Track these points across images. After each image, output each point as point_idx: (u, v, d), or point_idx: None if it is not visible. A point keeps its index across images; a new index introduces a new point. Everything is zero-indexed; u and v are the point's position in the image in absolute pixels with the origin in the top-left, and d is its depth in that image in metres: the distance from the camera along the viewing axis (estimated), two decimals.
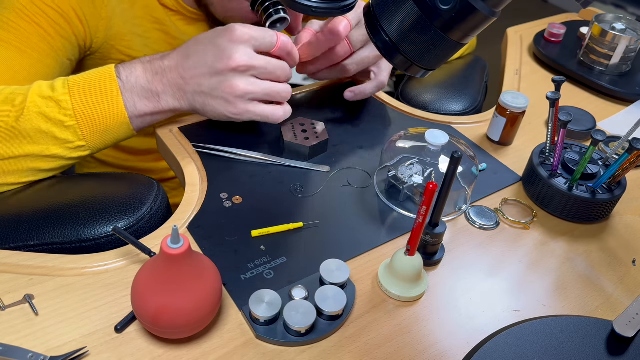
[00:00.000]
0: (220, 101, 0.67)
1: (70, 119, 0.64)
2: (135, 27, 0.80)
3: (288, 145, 0.75)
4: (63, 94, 0.64)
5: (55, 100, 0.64)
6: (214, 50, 0.66)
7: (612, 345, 0.53)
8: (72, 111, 0.64)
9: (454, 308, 0.58)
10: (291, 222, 0.64)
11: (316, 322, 0.54)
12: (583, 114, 0.90)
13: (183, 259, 0.47)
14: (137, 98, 0.67)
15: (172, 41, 0.83)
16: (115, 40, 0.79)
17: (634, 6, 0.42)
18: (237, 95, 0.67)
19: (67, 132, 0.65)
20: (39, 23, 0.70)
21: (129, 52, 0.81)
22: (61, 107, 0.64)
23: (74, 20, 0.73)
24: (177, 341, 0.52)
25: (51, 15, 0.71)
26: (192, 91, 0.68)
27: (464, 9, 0.43)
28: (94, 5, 0.75)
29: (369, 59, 0.78)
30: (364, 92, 0.81)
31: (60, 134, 0.64)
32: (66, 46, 0.74)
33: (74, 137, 0.65)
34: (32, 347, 0.49)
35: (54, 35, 0.72)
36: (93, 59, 0.82)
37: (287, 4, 0.62)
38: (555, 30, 1.10)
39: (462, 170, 0.68)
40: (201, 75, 0.66)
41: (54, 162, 0.67)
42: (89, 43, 0.78)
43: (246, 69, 0.66)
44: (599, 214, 0.70)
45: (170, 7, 0.80)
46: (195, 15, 0.82)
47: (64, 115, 0.64)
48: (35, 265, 0.57)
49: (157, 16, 0.80)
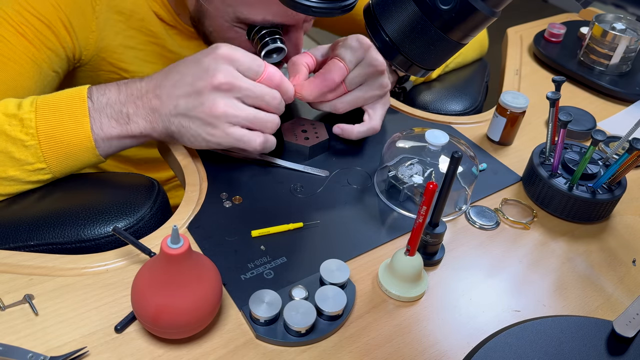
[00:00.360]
0: (198, 122, 0.62)
1: (31, 138, 0.61)
2: (128, 40, 0.77)
3: (288, 145, 0.75)
4: (28, 112, 0.61)
5: (19, 119, 0.61)
6: (196, 68, 0.62)
7: (612, 345, 0.53)
8: (35, 130, 0.60)
9: (454, 308, 0.58)
10: (291, 222, 0.64)
11: (316, 322, 0.54)
12: (583, 114, 0.90)
13: (183, 259, 0.47)
14: (105, 119, 0.63)
15: (169, 55, 0.81)
16: (106, 52, 0.77)
17: (634, 6, 0.42)
18: (216, 115, 0.61)
19: (26, 152, 0.61)
20: (24, 34, 0.67)
21: (120, 64, 0.79)
22: (24, 125, 0.61)
23: (62, 32, 0.71)
24: (177, 341, 0.52)
25: (37, 26, 0.68)
26: (168, 113, 0.63)
27: (464, 9, 0.43)
28: (85, 18, 0.72)
29: (362, 99, 0.75)
30: (351, 135, 0.76)
31: (18, 154, 0.61)
32: (52, 58, 0.71)
33: (34, 158, 0.61)
34: (32, 347, 0.49)
35: (40, 46, 0.69)
36: (84, 70, 0.79)
37: (287, 4, 0.61)
38: (555, 30, 1.10)
39: (462, 170, 0.68)
40: (180, 96, 0.62)
41: (10, 186, 0.63)
42: (78, 55, 0.75)
43: (229, 89, 0.61)
44: (599, 214, 0.70)
45: (167, 22, 0.78)
46: (191, 33, 0.80)
47: (25, 134, 0.60)
48: (35, 265, 0.57)
49: (154, 30, 0.78)
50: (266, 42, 0.70)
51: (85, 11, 0.72)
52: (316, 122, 0.78)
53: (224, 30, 0.72)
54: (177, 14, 0.78)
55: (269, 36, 0.70)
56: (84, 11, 0.72)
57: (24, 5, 0.67)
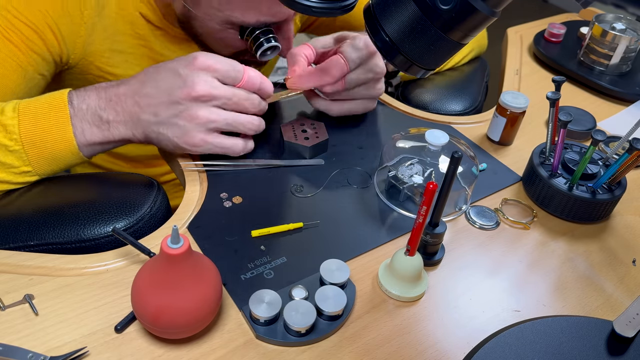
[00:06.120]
0: (177, 130, 0.64)
1: (15, 144, 0.62)
2: (116, 44, 0.77)
3: (288, 145, 0.75)
4: (11, 118, 0.62)
5: (2, 124, 0.62)
6: (174, 78, 0.63)
7: (612, 346, 0.53)
8: (18, 135, 0.62)
9: (454, 308, 0.58)
10: (291, 222, 0.64)
11: (316, 322, 0.54)
12: (583, 114, 0.90)
13: (183, 259, 0.47)
14: (86, 125, 0.64)
15: (158, 57, 0.81)
16: (94, 56, 0.77)
17: (634, 6, 0.42)
18: (197, 123, 0.64)
19: (12, 157, 0.63)
20: (10, 38, 0.68)
21: (108, 68, 0.79)
22: (7, 131, 0.62)
23: (49, 36, 0.70)
24: (177, 341, 0.52)
25: (24, 31, 0.68)
26: (147, 120, 0.65)
27: (464, 9, 0.43)
28: (73, 23, 0.72)
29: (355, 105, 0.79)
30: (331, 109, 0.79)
31: (4, 158, 0.63)
32: (38, 61, 0.71)
33: (19, 162, 0.63)
34: (32, 347, 0.49)
35: (26, 50, 0.69)
36: (71, 73, 0.79)
37: (287, 4, 0.61)
38: (555, 30, 1.10)
39: (462, 170, 0.68)
40: (159, 104, 0.64)
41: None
42: (66, 59, 0.75)
43: (208, 99, 0.63)
44: (599, 214, 0.70)
45: (155, 24, 0.78)
46: (180, 35, 0.80)
47: (9, 140, 0.62)
48: (35, 265, 0.57)
49: (142, 32, 0.78)
50: (261, 43, 0.71)
51: (74, 16, 0.72)
52: (316, 122, 0.78)
53: (215, 32, 0.73)
54: (163, 15, 0.78)
55: (263, 36, 0.71)
56: (72, 17, 0.72)
57: (10, 11, 0.67)
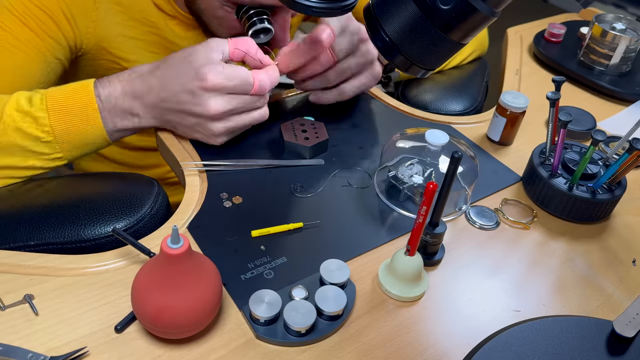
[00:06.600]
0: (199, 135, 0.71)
1: (47, 135, 0.66)
2: (128, 30, 0.79)
3: (288, 145, 0.75)
4: (41, 110, 0.65)
5: (33, 117, 0.65)
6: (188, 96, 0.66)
7: (612, 345, 0.53)
8: (50, 127, 0.65)
9: (454, 308, 0.58)
10: (291, 222, 0.64)
11: (316, 322, 0.54)
12: (583, 114, 0.90)
13: (183, 259, 0.47)
14: (117, 119, 0.69)
15: (169, 45, 0.82)
16: (106, 42, 0.79)
17: (634, 6, 0.42)
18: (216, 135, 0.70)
19: (45, 147, 0.66)
20: (27, 23, 0.71)
21: (120, 54, 0.80)
22: (38, 123, 0.65)
23: (63, 22, 0.73)
24: (177, 341, 0.52)
25: (39, 15, 0.71)
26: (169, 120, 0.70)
27: (464, 9, 0.43)
28: (84, 8, 0.74)
29: (351, 69, 0.77)
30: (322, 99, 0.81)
31: (37, 148, 0.66)
32: (55, 46, 0.74)
33: (51, 150, 0.67)
34: (32, 347, 0.49)
35: (42, 35, 0.72)
36: (85, 59, 0.81)
37: (287, 3, 0.61)
38: (555, 30, 1.10)
39: (462, 170, 0.68)
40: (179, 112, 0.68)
41: (31, 171, 0.69)
42: (79, 45, 0.78)
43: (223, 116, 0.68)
44: (599, 214, 0.70)
45: (167, 12, 0.80)
46: (191, 21, 0.81)
47: (41, 132, 0.65)
48: (35, 265, 0.57)
49: (154, 20, 0.79)
50: (254, 22, 0.71)
51: (86, 2, 0.74)
52: (316, 122, 0.78)
53: (213, 9, 0.74)
54: (175, 1, 0.79)
55: (257, 16, 0.71)
56: (84, 2, 0.74)
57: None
